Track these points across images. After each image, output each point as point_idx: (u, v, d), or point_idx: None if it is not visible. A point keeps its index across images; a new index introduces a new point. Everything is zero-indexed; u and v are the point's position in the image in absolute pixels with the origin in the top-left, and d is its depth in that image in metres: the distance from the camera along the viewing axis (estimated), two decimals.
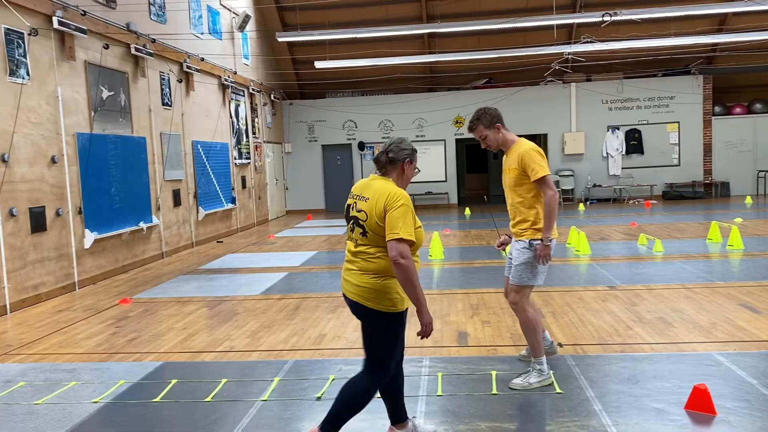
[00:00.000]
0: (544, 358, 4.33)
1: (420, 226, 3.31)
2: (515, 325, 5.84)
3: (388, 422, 3.64)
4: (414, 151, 3.46)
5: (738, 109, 18.85)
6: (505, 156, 4.48)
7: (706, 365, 4.54)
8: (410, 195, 3.09)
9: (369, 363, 3.35)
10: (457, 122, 19.26)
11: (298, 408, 4.13)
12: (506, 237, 4.67)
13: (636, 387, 4.18)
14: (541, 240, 4.26)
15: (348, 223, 3.40)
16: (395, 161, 3.39)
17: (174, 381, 4.71)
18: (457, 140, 19.58)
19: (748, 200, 16.78)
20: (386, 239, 3.15)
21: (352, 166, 19.75)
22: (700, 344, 5.04)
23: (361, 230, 3.29)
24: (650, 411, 3.81)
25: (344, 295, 3.43)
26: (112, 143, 9.61)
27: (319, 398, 4.25)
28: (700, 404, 3.72)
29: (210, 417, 4.06)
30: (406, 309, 3.36)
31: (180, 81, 12.06)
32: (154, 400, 4.36)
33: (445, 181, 19.61)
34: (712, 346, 4.97)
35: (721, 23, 17.51)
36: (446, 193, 19.57)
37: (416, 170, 3.50)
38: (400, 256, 3.10)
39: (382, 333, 3.29)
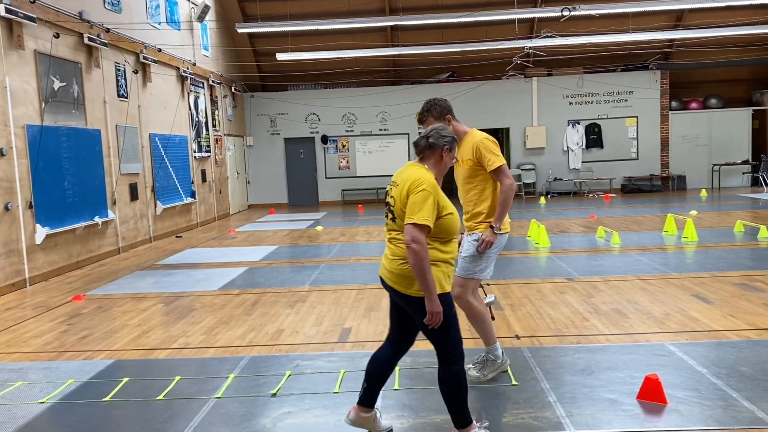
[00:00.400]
0: (497, 344, 4.33)
1: (450, 213, 3.26)
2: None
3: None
4: (454, 139, 3.47)
5: (694, 104, 19.29)
6: (457, 148, 4.39)
7: (659, 355, 4.61)
8: (374, 189, 3.09)
9: (437, 351, 3.33)
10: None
11: (252, 405, 4.06)
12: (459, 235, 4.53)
13: (590, 378, 4.22)
14: (491, 227, 4.14)
15: (384, 210, 3.45)
16: (434, 147, 3.39)
17: (125, 379, 4.59)
18: (420, 134, 19.56)
19: (703, 193, 17.19)
20: (404, 223, 3.15)
21: (315, 159, 19.61)
22: (654, 335, 5.12)
23: (391, 216, 3.33)
24: (603, 401, 3.85)
25: (382, 280, 3.43)
26: (64, 135, 9.32)
27: (274, 395, 4.19)
28: (651, 394, 3.77)
29: (162, 416, 3.96)
30: (448, 292, 3.28)
31: (136, 72, 11.78)
32: (103, 400, 4.24)
33: None
34: (665, 337, 5.06)
35: (677, 19, 17.87)
36: None
37: (454, 159, 3.53)
38: (412, 240, 3.08)
39: (424, 317, 3.20)
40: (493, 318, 4.49)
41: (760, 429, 3.38)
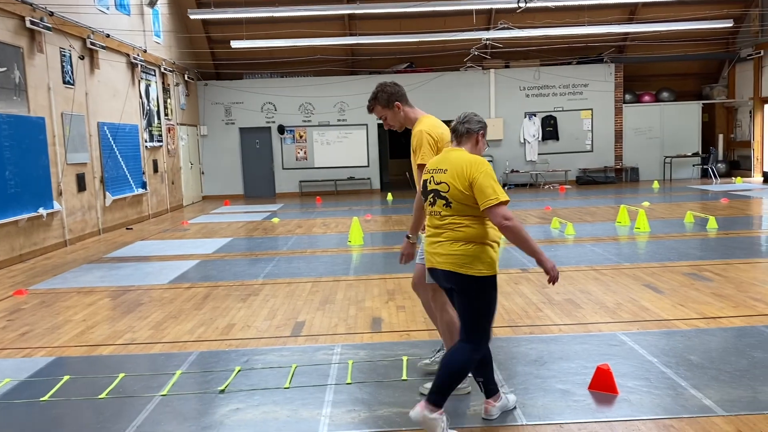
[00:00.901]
0: None
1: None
2: None
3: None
4: (485, 125, 3.61)
5: (647, 98, 19.67)
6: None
7: (610, 345, 4.64)
8: (332, 180, 3.04)
9: (468, 331, 3.33)
10: None
11: (199, 402, 3.92)
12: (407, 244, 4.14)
13: (543, 368, 4.22)
14: (407, 237, 3.89)
15: (428, 198, 3.43)
16: (471, 132, 3.50)
17: (66, 377, 4.39)
18: (379, 125, 19.48)
19: (656, 185, 17.57)
20: (482, 208, 3.21)
21: (272, 149, 19.32)
22: (606, 324, 5.16)
23: (444, 202, 3.33)
24: (555, 392, 3.84)
25: (431, 270, 3.44)
26: (5, 123, 8.91)
27: (222, 391, 4.05)
28: (602, 384, 3.78)
29: (102, 415, 3.79)
30: (496, 275, 3.35)
31: (82, 58, 11.35)
32: (42, 399, 4.04)
33: (368, 166, 19.51)
34: (617, 326, 5.10)
35: (631, 13, 18.15)
36: (368, 179, 19.49)
37: (486, 144, 3.61)
38: (504, 219, 3.17)
39: (477, 298, 3.29)
40: None
41: (707, 417, 3.41)
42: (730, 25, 16.43)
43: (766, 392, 3.68)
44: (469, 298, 3.30)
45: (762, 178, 17.91)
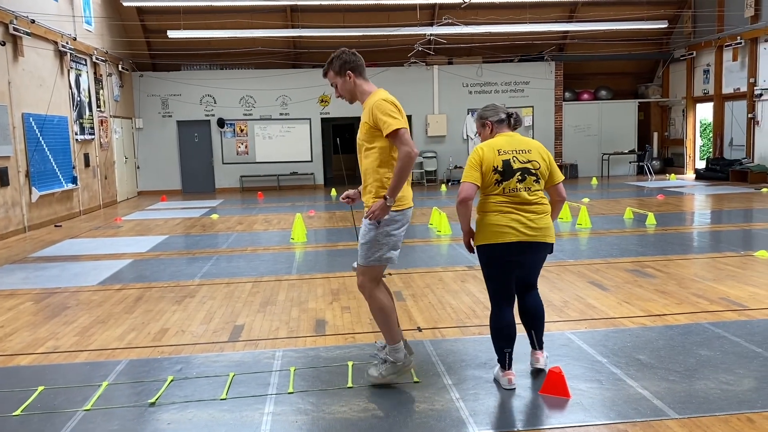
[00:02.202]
0: (400, 344, 3.85)
1: None
2: None
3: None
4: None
5: (585, 96, 20.05)
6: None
7: (560, 345, 4.55)
8: (274, 175, 2.89)
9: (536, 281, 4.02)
10: (322, 101, 18.84)
11: (127, 417, 3.61)
12: (355, 191, 4.00)
13: (493, 371, 4.08)
14: (384, 197, 3.59)
15: (513, 176, 3.70)
16: (518, 122, 3.96)
17: None
18: (323, 119, 19.18)
19: (594, 181, 17.92)
20: (555, 183, 3.82)
21: (211, 143, 18.74)
22: (554, 323, 5.08)
23: (534, 178, 3.73)
24: (507, 397, 3.71)
25: (514, 243, 3.68)
26: None
27: (152, 404, 3.75)
28: (554, 388, 3.67)
29: None
30: None
31: (3, 44, 10.62)
32: None
33: (311, 161, 19.18)
34: (565, 325, 5.03)
35: (571, 12, 18.43)
36: (312, 174, 19.16)
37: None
38: (565, 194, 3.92)
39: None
40: (418, 329, 4.20)
41: (661, 420, 3.34)
42: (665, 26, 16.91)
43: (716, 392, 3.65)
44: (540, 262, 3.92)
45: (694, 175, 18.52)
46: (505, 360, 3.82)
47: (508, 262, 3.74)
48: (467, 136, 19.38)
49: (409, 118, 19.43)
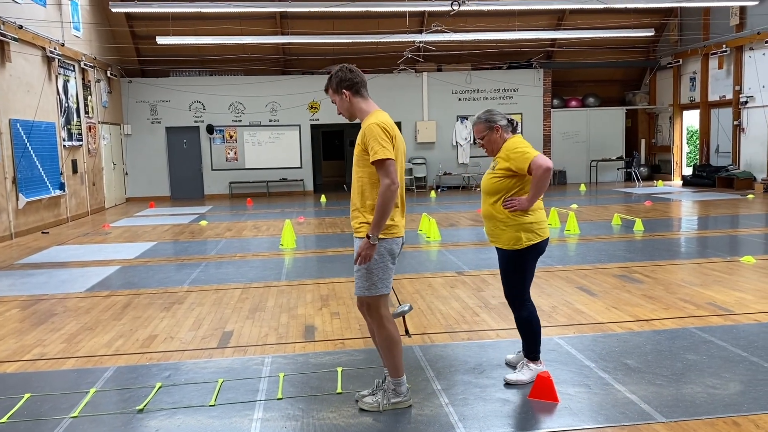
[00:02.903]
0: (404, 378, 3.67)
1: None
2: None
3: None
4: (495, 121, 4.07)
5: (573, 103, 20.19)
6: None
7: (548, 350, 4.57)
8: (264, 182, 2.89)
9: None
10: (312, 107, 18.85)
11: (114, 423, 3.59)
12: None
13: (482, 377, 4.10)
14: (368, 236, 3.42)
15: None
16: (517, 126, 4.16)
17: None
18: (312, 126, 19.18)
19: (582, 188, 18.02)
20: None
21: (200, 150, 18.68)
22: (543, 328, 5.08)
23: None
24: (496, 402, 3.72)
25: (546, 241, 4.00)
26: None
27: (140, 410, 3.73)
28: (543, 393, 3.69)
29: None
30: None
31: None
32: None
33: (301, 167, 19.16)
34: (553, 330, 5.06)
35: (559, 20, 18.57)
36: (301, 180, 19.14)
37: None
38: None
39: None
40: (407, 333, 3.92)
41: (648, 423, 3.36)
42: (652, 34, 17.06)
43: (702, 396, 3.68)
44: None
45: (681, 182, 18.67)
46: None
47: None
48: (456, 142, 19.45)
49: (399, 124, 19.49)
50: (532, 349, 4.00)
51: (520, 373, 3.99)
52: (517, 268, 3.93)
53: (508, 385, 3.93)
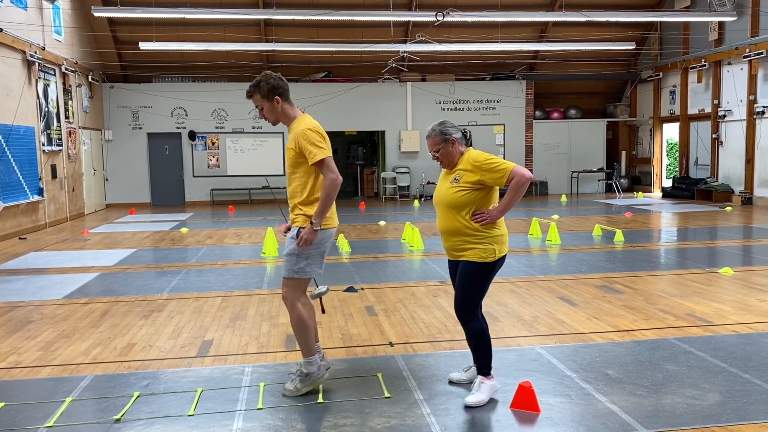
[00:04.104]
0: (315, 357, 4.00)
1: None
2: (347, 325, 5.61)
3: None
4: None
5: (555, 114, 20.39)
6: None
7: (530, 360, 4.58)
8: (246, 189, 3.00)
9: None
10: None
11: None
12: (290, 223, 4.12)
13: (464, 387, 4.09)
14: (311, 223, 3.79)
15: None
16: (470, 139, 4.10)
17: None
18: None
19: (563, 198, 18.16)
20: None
21: (182, 156, 18.56)
22: (524, 338, 5.12)
23: None
24: (478, 411, 3.71)
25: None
26: None
27: (118, 420, 3.66)
28: (524, 402, 3.69)
29: None
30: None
31: None
32: None
33: (283, 174, 19.08)
34: (535, 340, 5.07)
35: (542, 32, 18.77)
36: (284, 188, 19.04)
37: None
38: None
39: None
40: (323, 311, 4.58)
41: None
42: (633, 47, 17.29)
43: (682, 407, 3.70)
44: None
45: (661, 193, 18.89)
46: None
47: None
48: None
49: (383, 133, 19.52)
50: (486, 364, 3.87)
51: (479, 393, 3.81)
52: (483, 281, 3.84)
53: (469, 408, 3.73)
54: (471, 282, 3.83)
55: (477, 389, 3.83)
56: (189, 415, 3.72)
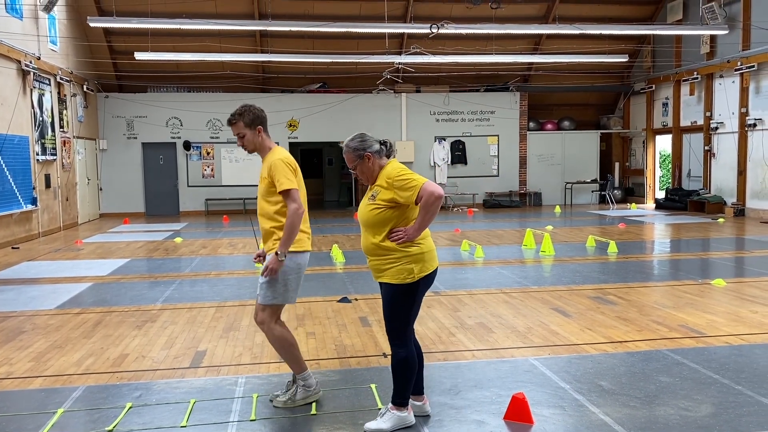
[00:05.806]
0: (308, 372, 4.06)
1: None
2: (341, 335, 5.61)
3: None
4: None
5: (549, 126, 20.49)
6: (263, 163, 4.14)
7: (524, 371, 4.59)
8: (240, 199, 3.03)
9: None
10: (290, 125, 18.85)
11: None
12: (264, 250, 4.12)
13: (457, 398, 4.09)
14: (276, 253, 3.85)
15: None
16: (393, 149, 3.79)
17: None
18: (291, 144, 19.15)
19: (557, 209, 18.22)
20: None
21: (177, 166, 18.54)
22: (518, 349, 5.13)
23: None
24: (471, 423, 3.71)
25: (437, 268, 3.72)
26: None
27: (110, 431, 3.65)
28: (518, 414, 3.69)
29: None
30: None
31: None
32: None
33: None
34: (529, 351, 5.08)
35: (536, 44, 18.90)
36: None
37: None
38: None
39: None
40: None
41: None
42: (626, 59, 17.43)
43: (675, 418, 3.71)
44: None
45: (654, 205, 18.98)
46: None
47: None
48: (434, 162, 19.58)
49: None
50: (401, 395, 3.61)
51: (381, 420, 3.59)
52: (407, 303, 3.57)
53: (410, 427, 3.60)
54: (392, 305, 3.59)
55: (381, 416, 3.63)
56: (182, 427, 3.71)
